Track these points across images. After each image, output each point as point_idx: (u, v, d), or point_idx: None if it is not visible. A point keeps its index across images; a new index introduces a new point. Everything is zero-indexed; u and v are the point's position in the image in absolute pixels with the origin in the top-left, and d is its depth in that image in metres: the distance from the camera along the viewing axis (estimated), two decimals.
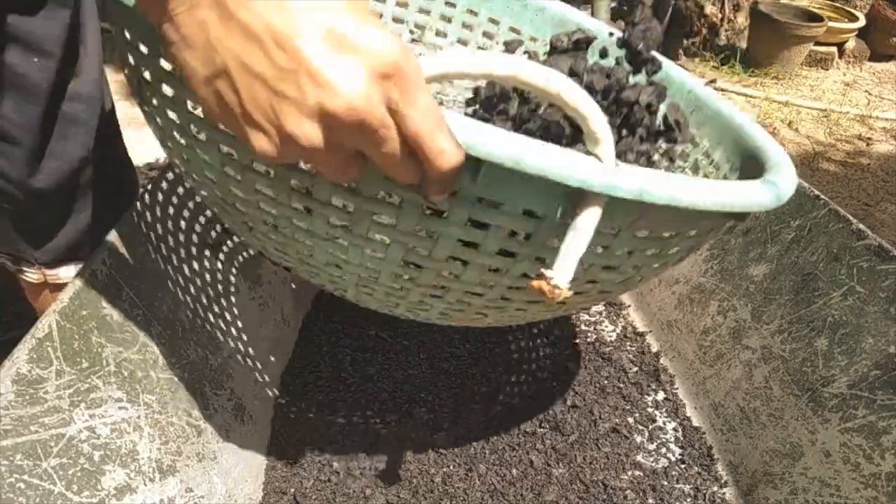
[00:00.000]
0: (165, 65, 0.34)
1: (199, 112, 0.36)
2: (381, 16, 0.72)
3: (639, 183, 0.32)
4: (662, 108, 0.54)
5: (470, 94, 0.69)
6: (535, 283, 0.34)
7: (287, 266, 0.49)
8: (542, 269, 0.34)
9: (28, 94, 0.55)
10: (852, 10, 2.67)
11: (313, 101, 0.26)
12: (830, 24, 2.49)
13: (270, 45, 0.26)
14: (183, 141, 0.39)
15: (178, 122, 0.38)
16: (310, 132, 0.27)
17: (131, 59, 0.38)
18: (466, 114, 0.66)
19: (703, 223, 0.42)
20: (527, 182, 0.32)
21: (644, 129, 0.52)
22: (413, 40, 0.73)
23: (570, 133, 0.49)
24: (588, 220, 0.33)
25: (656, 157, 0.56)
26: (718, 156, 0.56)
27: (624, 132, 0.52)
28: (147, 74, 0.37)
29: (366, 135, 0.27)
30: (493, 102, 0.58)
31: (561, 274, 0.33)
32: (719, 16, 2.67)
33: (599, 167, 0.32)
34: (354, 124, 0.27)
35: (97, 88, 0.62)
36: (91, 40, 0.60)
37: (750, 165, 0.51)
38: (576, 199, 0.33)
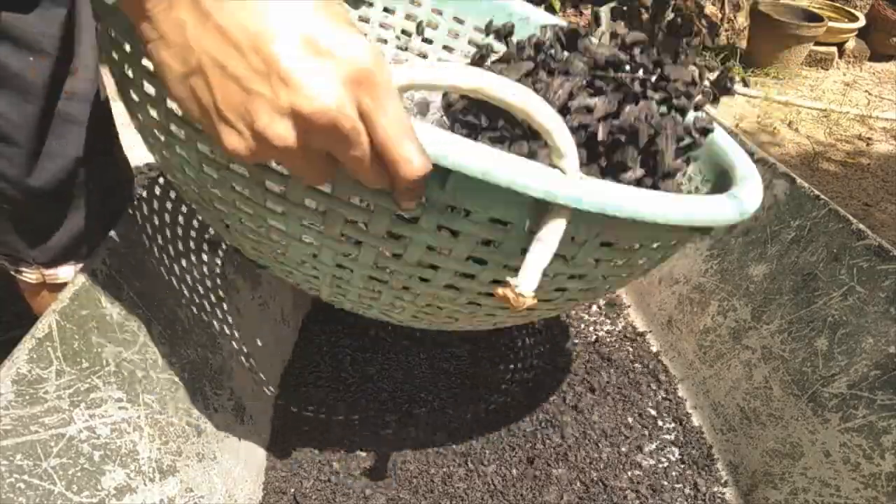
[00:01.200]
0: (147, 63, 0.35)
1: (178, 110, 0.36)
2: (368, 21, 0.72)
3: (601, 196, 0.33)
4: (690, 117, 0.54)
5: None
6: (501, 290, 0.35)
7: (263, 265, 0.50)
8: (508, 278, 0.35)
9: (24, 94, 0.55)
10: (852, 10, 2.67)
11: (286, 102, 0.26)
12: (830, 24, 2.49)
13: (246, 47, 0.26)
14: (163, 138, 0.39)
15: (157, 119, 0.38)
16: (282, 132, 0.27)
17: (115, 56, 0.39)
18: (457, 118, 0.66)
19: (668, 236, 0.43)
20: (494, 192, 0.33)
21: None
22: (398, 47, 0.73)
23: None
24: (552, 231, 0.34)
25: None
26: (691, 168, 0.57)
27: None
28: (129, 71, 0.38)
29: (336, 138, 0.28)
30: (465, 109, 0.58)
31: (526, 282, 0.34)
32: (719, 16, 2.67)
33: (563, 179, 0.33)
34: (326, 127, 0.27)
35: (93, 87, 0.61)
36: (87, 39, 0.60)
37: (721, 178, 0.51)
38: (541, 209, 0.34)
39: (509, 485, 0.68)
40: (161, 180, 0.66)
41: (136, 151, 0.76)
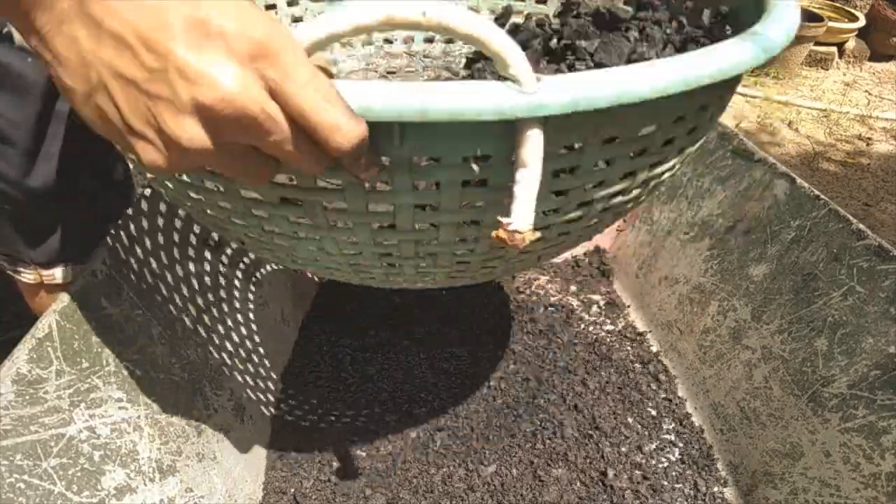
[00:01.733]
0: None
1: None
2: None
3: (569, 93, 0.28)
4: None
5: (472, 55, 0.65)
6: (494, 232, 0.30)
7: (296, 268, 0.49)
8: (498, 216, 0.30)
9: (24, 94, 0.55)
10: (852, 10, 2.67)
11: (187, 97, 0.25)
12: (830, 24, 2.49)
13: (138, 46, 0.24)
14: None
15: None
16: (191, 132, 0.25)
17: None
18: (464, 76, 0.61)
19: (682, 105, 0.35)
20: (449, 129, 0.29)
21: None
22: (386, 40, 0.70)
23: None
24: (530, 152, 0.29)
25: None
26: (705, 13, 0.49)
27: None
28: None
29: (250, 125, 0.25)
30: None
31: (519, 216, 0.30)
32: None
33: (514, 91, 0.28)
34: (235, 115, 0.25)
35: None
36: None
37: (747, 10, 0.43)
38: (510, 130, 0.29)
39: (509, 485, 0.68)
40: None
41: None
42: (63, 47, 0.25)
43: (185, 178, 0.36)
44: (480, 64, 0.57)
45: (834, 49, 2.66)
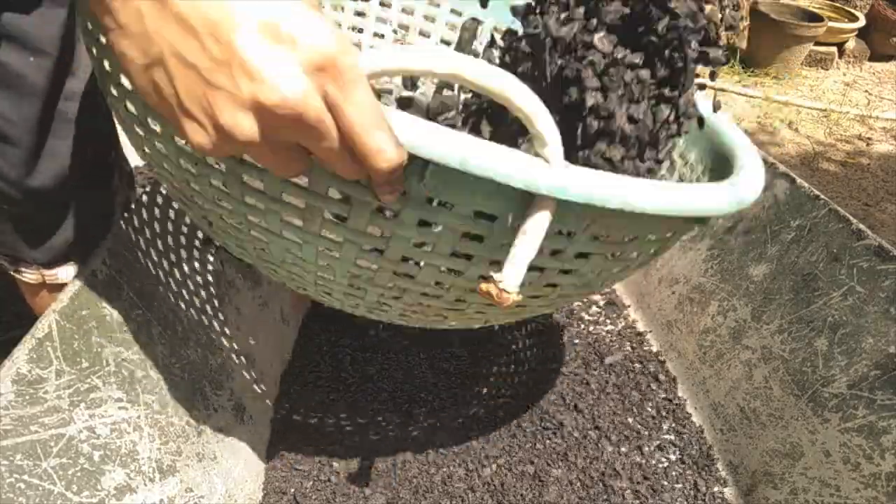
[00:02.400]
0: None
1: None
2: (363, 15, 0.71)
3: (587, 185, 0.31)
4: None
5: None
6: (484, 286, 0.33)
7: (249, 262, 0.50)
8: (492, 273, 0.33)
9: (25, 94, 0.55)
10: (852, 10, 2.67)
11: (247, 93, 0.25)
12: (830, 24, 2.49)
13: (205, 36, 0.25)
14: (141, 133, 0.39)
15: (135, 114, 0.38)
16: (244, 125, 0.26)
17: (94, 50, 0.38)
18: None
19: (661, 226, 0.41)
20: (475, 183, 0.31)
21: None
22: (397, 41, 0.73)
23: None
24: (537, 224, 0.32)
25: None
26: (693, 156, 0.55)
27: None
28: (107, 65, 0.37)
29: (303, 130, 0.27)
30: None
31: (510, 278, 0.32)
32: (719, 16, 2.67)
33: (546, 168, 0.31)
34: (290, 119, 0.26)
35: (92, 87, 0.62)
36: None
37: (723, 166, 0.50)
38: (525, 201, 0.33)
39: (509, 485, 0.68)
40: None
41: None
42: (128, 18, 0.26)
43: (184, 146, 0.36)
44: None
45: (834, 49, 2.66)
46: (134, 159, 0.77)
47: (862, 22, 2.63)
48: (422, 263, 0.39)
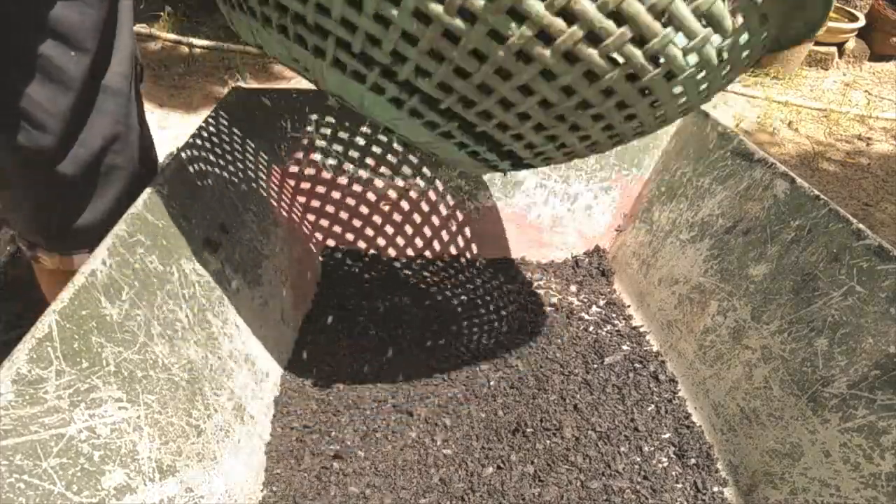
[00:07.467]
0: None
1: None
2: None
3: None
4: None
5: None
6: None
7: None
8: None
9: (63, 87, 0.57)
10: (852, 10, 2.67)
11: None
12: (830, 24, 2.50)
13: None
14: None
15: None
16: None
17: None
18: None
19: None
20: None
21: None
22: None
23: None
24: None
25: None
26: None
27: None
28: None
29: None
30: None
31: None
32: None
33: None
34: None
35: (126, 82, 0.64)
36: (125, 35, 0.62)
37: None
38: None
39: (509, 485, 0.68)
40: (163, 181, 0.66)
41: (157, 149, 0.78)
42: None
43: None
44: None
45: (834, 49, 2.66)
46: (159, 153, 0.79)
47: (862, 22, 2.63)
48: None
